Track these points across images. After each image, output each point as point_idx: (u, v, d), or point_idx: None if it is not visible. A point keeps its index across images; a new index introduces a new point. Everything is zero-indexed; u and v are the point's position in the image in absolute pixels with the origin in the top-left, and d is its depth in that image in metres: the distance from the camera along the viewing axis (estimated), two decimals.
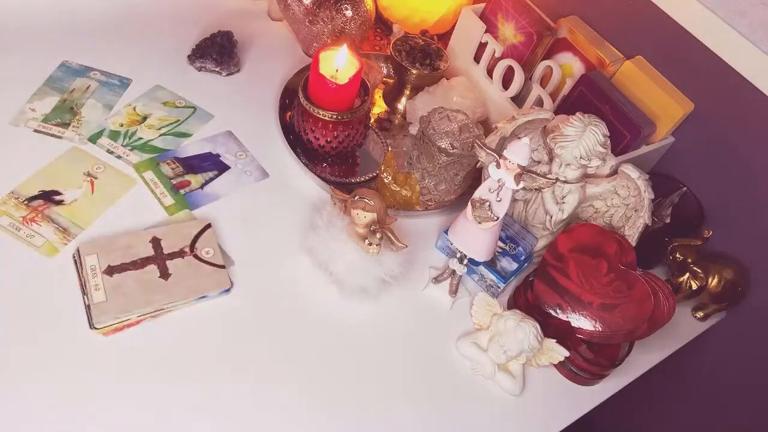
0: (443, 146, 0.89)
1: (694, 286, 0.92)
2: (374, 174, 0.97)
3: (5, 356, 0.69)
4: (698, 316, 0.95)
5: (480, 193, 0.77)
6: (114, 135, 0.92)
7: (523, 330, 0.77)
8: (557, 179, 0.84)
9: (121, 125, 0.94)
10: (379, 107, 1.10)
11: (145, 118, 0.95)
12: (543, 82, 1.00)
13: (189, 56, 1.04)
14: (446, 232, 0.87)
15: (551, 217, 0.88)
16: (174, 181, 0.89)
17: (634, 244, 0.84)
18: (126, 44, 1.04)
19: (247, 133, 0.98)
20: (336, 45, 0.92)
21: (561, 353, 0.79)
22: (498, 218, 0.76)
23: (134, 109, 0.96)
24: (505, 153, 0.74)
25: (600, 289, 0.79)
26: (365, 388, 0.77)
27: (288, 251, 0.86)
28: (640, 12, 0.94)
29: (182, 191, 0.88)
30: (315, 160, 0.97)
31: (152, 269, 0.78)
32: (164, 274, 0.78)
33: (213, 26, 1.09)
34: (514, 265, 0.87)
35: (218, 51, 1.03)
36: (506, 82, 1.02)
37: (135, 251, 0.79)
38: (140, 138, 0.93)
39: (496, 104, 1.04)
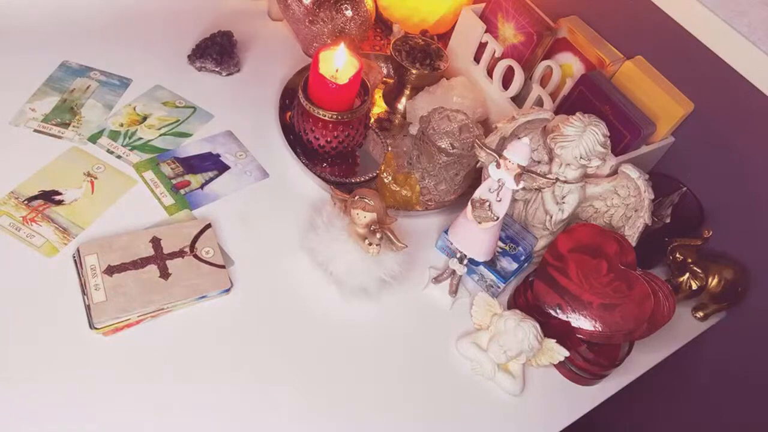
0: (443, 146, 0.89)
1: (694, 286, 0.92)
2: (374, 174, 0.97)
3: (5, 356, 0.69)
4: (698, 316, 0.95)
5: (480, 193, 0.77)
6: (114, 135, 0.92)
7: (523, 330, 0.77)
8: (557, 179, 0.84)
9: (121, 125, 0.94)
10: (379, 107, 1.10)
11: (145, 118, 0.95)
12: (543, 82, 1.00)
13: (189, 56, 1.04)
14: (446, 232, 0.87)
15: (551, 217, 0.88)
16: (174, 181, 0.89)
17: (634, 244, 0.84)
18: (126, 44, 1.04)
19: (247, 133, 0.98)
20: (336, 45, 0.92)
21: (561, 353, 0.79)
22: (498, 218, 0.76)
23: (134, 109, 0.96)
24: (505, 153, 0.74)
25: (600, 289, 0.79)
26: (365, 388, 0.77)
27: (288, 251, 0.86)
28: (640, 12, 0.94)
29: (182, 191, 0.88)
30: (315, 160, 0.97)
31: (152, 269, 0.78)
32: (164, 274, 0.78)
33: (213, 26, 1.09)
34: (514, 265, 0.87)
35: (218, 51, 1.03)
36: (506, 82, 1.02)
37: (135, 251, 0.79)
38: (140, 138, 0.93)
39: (496, 104, 1.04)
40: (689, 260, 0.92)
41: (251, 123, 0.99)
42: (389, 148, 1.02)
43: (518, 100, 1.03)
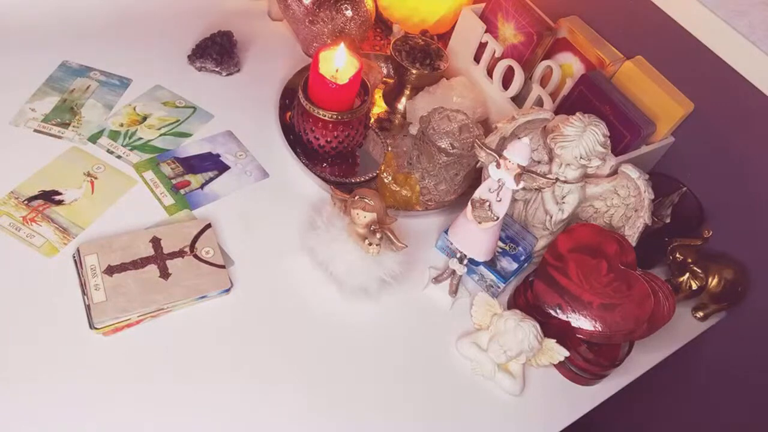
0: (443, 146, 0.89)
1: (694, 286, 0.92)
2: (374, 174, 0.97)
3: (5, 356, 0.69)
4: (698, 316, 0.95)
5: (480, 193, 0.77)
6: (114, 135, 0.92)
7: (523, 330, 0.77)
8: (557, 179, 0.84)
9: (121, 125, 0.94)
10: (379, 107, 1.10)
11: (145, 118, 0.95)
12: (543, 82, 1.00)
13: (189, 56, 1.04)
14: (446, 232, 0.87)
15: (551, 217, 0.88)
16: (174, 181, 0.89)
17: (634, 244, 0.84)
18: (126, 44, 1.04)
19: (247, 133, 0.98)
20: (336, 45, 0.92)
21: (561, 353, 0.79)
22: (498, 218, 0.76)
23: (134, 109, 0.96)
24: (505, 153, 0.74)
25: (600, 289, 0.79)
26: (365, 388, 0.77)
27: (288, 251, 0.86)
28: (640, 12, 0.94)
29: (182, 191, 0.88)
30: (315, 160, 0.97)
31: (152, 269, 0.78)
32: (164, 274, 0.78)
33: (213, 26, 1.09)
34: (514, 265, 0.87)
35: (218, 51, 1.03)
36: (506, 82, 1.02)
37: (135, 251, 0.79)
38: (140, 138, 0.93)
39: (496, 104, 1.04)
40: (689, 260, 0.92)
41: (251, 123, 0.99)
42: (389, 148, 1.01)
43: (518, 100, 1.03)
